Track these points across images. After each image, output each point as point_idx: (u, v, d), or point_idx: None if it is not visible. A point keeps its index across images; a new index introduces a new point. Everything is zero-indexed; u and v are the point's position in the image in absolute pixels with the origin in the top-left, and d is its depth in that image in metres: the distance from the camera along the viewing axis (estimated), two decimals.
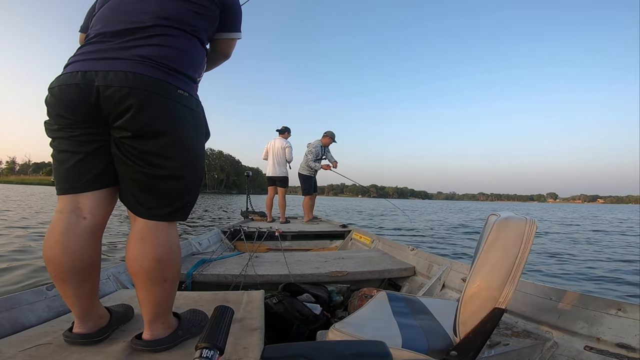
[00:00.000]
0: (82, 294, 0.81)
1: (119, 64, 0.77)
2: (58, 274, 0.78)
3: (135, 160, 0.77)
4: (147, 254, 0.78)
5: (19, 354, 0.77)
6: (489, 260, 0.68)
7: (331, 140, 4.65)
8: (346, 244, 3.31)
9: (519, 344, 0.95)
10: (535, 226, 0.66)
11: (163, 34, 0.82)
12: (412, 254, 2.03)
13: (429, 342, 0.76)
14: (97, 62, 0.78)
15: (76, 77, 0.76)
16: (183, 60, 0.83)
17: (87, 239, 0.80)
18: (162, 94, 0.77)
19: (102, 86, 0.74)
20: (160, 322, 0.83)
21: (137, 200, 0.80)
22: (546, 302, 1.07)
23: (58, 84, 0.78)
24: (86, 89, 0.75)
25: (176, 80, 0.81)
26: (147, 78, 0.76)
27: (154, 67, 0.78)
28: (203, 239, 2.68)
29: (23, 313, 0.98)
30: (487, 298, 0.67)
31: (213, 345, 0.43)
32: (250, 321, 1.03)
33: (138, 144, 0.77)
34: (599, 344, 0.89)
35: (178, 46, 0.83)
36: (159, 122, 0.77)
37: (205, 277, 1.70)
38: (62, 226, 0.78)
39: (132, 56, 0.78)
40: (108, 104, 0.75)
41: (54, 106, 0.79)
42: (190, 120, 0.83)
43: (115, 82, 0.74)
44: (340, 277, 1.76)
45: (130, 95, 0.74)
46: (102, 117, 0.77)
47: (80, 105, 0.76)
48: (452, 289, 1.55)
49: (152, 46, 0.80)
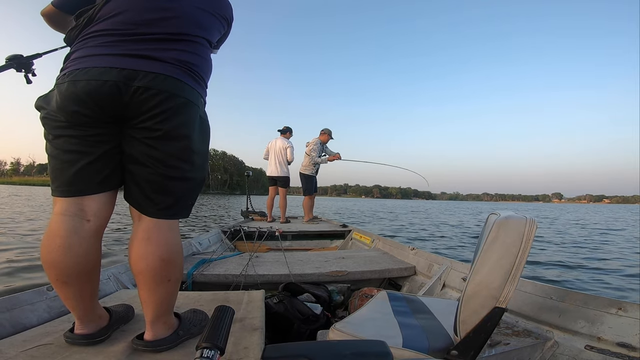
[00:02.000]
0: (84, 296, 0.80)
1: (159, 66, 0.77)
2: (60, 278, 0.76)
3: (154, 161, 0.78)
4: (153, 253, 0.78)
5: (20, 354, 0.77)
6: (489, 259, 0.68)
7: (329, 137, 4.66)
8: (346, 243, 3.31)
9: (520, 343, 0.95)
10: (536, 226, 0.66)
11: (193, 41, 0.85)
12: (412, 253, 2.03)
13: (430, 341, 0.76)
14: (136, 60, 0.75)
15: (111, 73, 0.73)
16: (207, 69, 0.89)
17: (91, 242, 0.79)
18: (192, 100, 0.81)
19: (142, 87, 0.73)
20: (162, 322, 0.83)
21: (150, 200, 0.80)
22: (547, 302, 1.07)
23: (87, 78, 0.73)
24: (124, 88, 0.73)
25: (200, 88, 0.86)
26: (183, 84, 0.80)
27: (188, 73, 0.82)
28: (203, 239, 2.68)
29: (24, 313, 0.98)
30: (487, 297, 0.67)
31: (214, 345, 0.43)
32: (250, 321, 1.03)
33: (161, 145, 0.77)
34: (599, 343, 0.89)
35: (203, 54, 0.88)
36: (185, 127, 0.80)
37: (205, 277, 1.70)
38: (65, 229, 0.76)
39: (170, 59, 0.79)
40: (144, 105, 0.74)
41: (74, 100, 0.73)
42: (204, 126, 0.88)
43: (156, 84, 0.75)
44: (341, 277, 1.76)
45: (170, 99, 0.76)
46: (125, 117, 0.76)
47: (109, 104, 0.74)
48: (452, 288, 1.55)
49: (185, 52, 0.82)
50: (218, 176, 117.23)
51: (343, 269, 1.81)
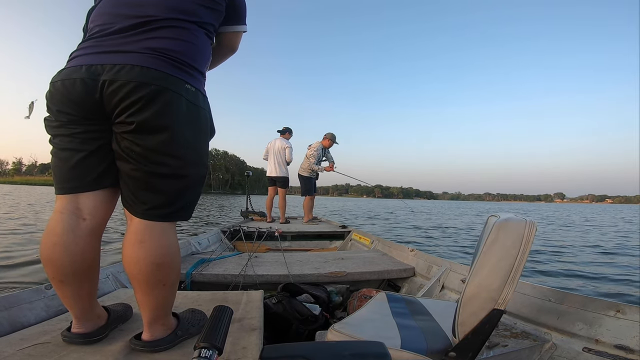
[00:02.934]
0: (82, 295, 0.80)
1: (128, 57, 0.75)
2: (57, 276, 0.76)
3: (136, 157, 0.75)
4: (145, 258, 0.75)
5: (17, 352, 0.77)
6: (489, 261, 0.68)
7: (331, 142, 4.63)
8: (346, 244, 3.31)
9: (518, 345, 0.95)
10: (535, 228, 0.66)
11: (173, 26, 0.80)
12: (411, 254, 2.03)
13: (428, 343, 0.76)
14: (103, 55, 0.76)
15: (80, 71, 0.74)
16: (193, 53, 0.82)
17: (87, 241, 0.78)
18: (170, 88, 0.75)
19: (108, 80, 0.72)
20: (160, 324, 0.82)
21: (137, 199, 0.78)
22: (545, 304, 1.07)
23: (61, 78, 0.75)
24: (91, 84, 0.73)
25: (185, 74, 0.79)
26: (156, 72, 0.74)
27: (165, 60, 0.77)
28: (202, 238, 2.68)
29: (22, 312, 0.98)
30: (486, 299, 0.67)
31: (212, 345, 0.43)
32: (249, 321, 1.03)
33: (140, 140, 0.74)
34: (597, 345, 0.89)
35: (188, 39, 0.82)
36: (163, 118, 0.74)
37: (204, 277, 1.70)
38: (61, 227, 0.77)
39: (141, 49, 0.76)
40: (113, 98, 0.73)
41: (55, 101, 0.76)
42: (195, 116, 0.81)
43: (122, 75, 0.73)
44: (340, 278, 1.76)
45: (137, 89, 0.72)
46: (106, 112, 0.76)
47: (84, 101, 0.74)
48: (451, 290, 1.55)
49: (163, 39, 0.78)
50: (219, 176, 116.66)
51: (342, 269, 1.81)
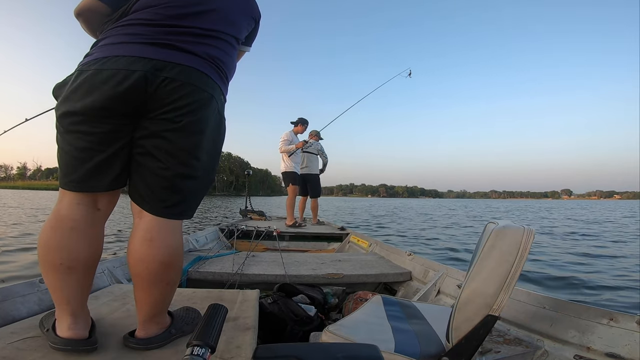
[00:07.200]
0: (84, 286, 0.78)
1: (188, 58, 0.76)
2: (66, 262, 0.73)
3: (166, 155, 0.76)
4: (154, 256, 0.76)
5: (6, 346, 0.77)
6: (485, 267, 0.68)
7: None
8: (344, 246, 3.31)
9: (510, 351, 0.95)
10: (533, 235, 0.66)
11: (223, 39, 0.85)
12: (408, 259, 2.03)
13: (422, 347, 0.76)
14: (166, 50, 0.74)
15: (140, 63, 0.70)
16: (231, 66, 0.88)
17: (101, 229, 0.82)
18: (214, 96, 0.81)
19: (169, 78, 0.72)
20: (155, 321, 0.82)
21: (156, 196, 0.78)
22: (539, 311, 1.07)
23: (115, 67, 0.69)
24: (152, 79, 0.71)
25: (223, 86, 0.86)
26: (210, 80, 0.79)
27: (216, 70, 0.81)
28: (200, 236, 2.67)
29: (14, 305, 0.97)
30: (481, 305, 0.67)
31: (205, 343, 0.43)
32: (244, 320, 1.02)
33: (177, 138, 0.76)
34: (588, 353, 0.89)
35: (230, 52, 0.87)
36: (204, 122, 0.79)
37: (200, 275, 1.69)
38: (78, 213, 0.75)
39: (202, 53, 0.78)
40: (168, 96, 0.73)
41: (91, 93, 0.69)
42: (219, 125, 0.86)
43: (184, 76, 0.74)
44: (336, 280, 1.76)
45: (194, 93, 0.76)
46: (143, 109, 0.74)
47: (134, 95, 0.71)
48: (447, 295, 1.55)
49: (217, 48, 0.82)
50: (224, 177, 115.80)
51: (339, 271, 1.81)
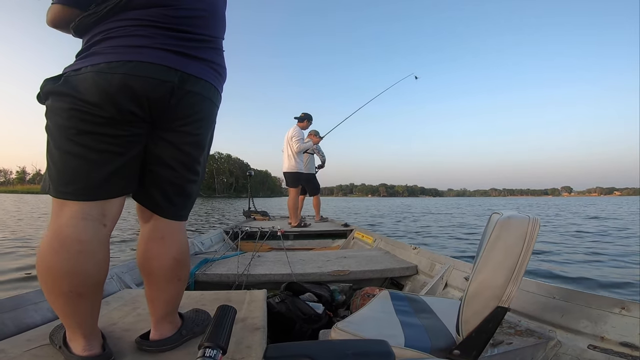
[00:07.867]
0: (95, 308, 0.74)
1: (205, 71, 0.77)
2: (76, 288, 0.66)
3: (180, 165, 0.78)
4: (167, 252, 0.80)
5: (24, 354, 0.78)
6: (492, 259, 0.68)
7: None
8: (348, 243, 3.31)
9: (522, 342, 0.95)
10: (539, 225, 0.66)
11: (219, 45, 0.85)
12: (414, 252, 2.03)
13: (432, 341, 0.76)
14: (187, 61, 0.73)
15: (170, 73, 0.70)
16: (225, 77, 0.89)
17: (107, 247, 0.74)
18: (218, 107, 0.85)
19: (192, 92, 0.74)
20: (168, 321, 0.84)
21: (171, 202, 0.81)
22: (550, 301, 1.07)
23: (148, 75, 0.68)
24: (177, 91, 0.72)
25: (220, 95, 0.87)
26: (217, 93, 0.83)
27: (218, 78, 0.83)
28: (205, 238, 2.69)
29: (28, 313, 0.99)
30: (490, 297, 0.67)
31: (216, 345, 0.44)
32: (252, 320, 1.03)
33: (192, 149, 0.79)
34: (602, 342, 0.88)
35: (224, 63, 0.88)
36: (212, 133, 0.86)
37: (207, 277, 1.70)
38: (87, 234, 0.68)
39: (213, 64, 0.80)
40: (189, 108, 0.75)
41: (126, 96, 0.66)
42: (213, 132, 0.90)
43: (204, 91, 0.77)
44: (343, 276, 1.76)
45: (210, 107, 0.80)
46: (161, 118, 0.74)
47: (157, 103, 0.71)
48: (454, 287, 1.54)
49: (217, 55, 0.83)
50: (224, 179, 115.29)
51: (345, 268, 1.81)
